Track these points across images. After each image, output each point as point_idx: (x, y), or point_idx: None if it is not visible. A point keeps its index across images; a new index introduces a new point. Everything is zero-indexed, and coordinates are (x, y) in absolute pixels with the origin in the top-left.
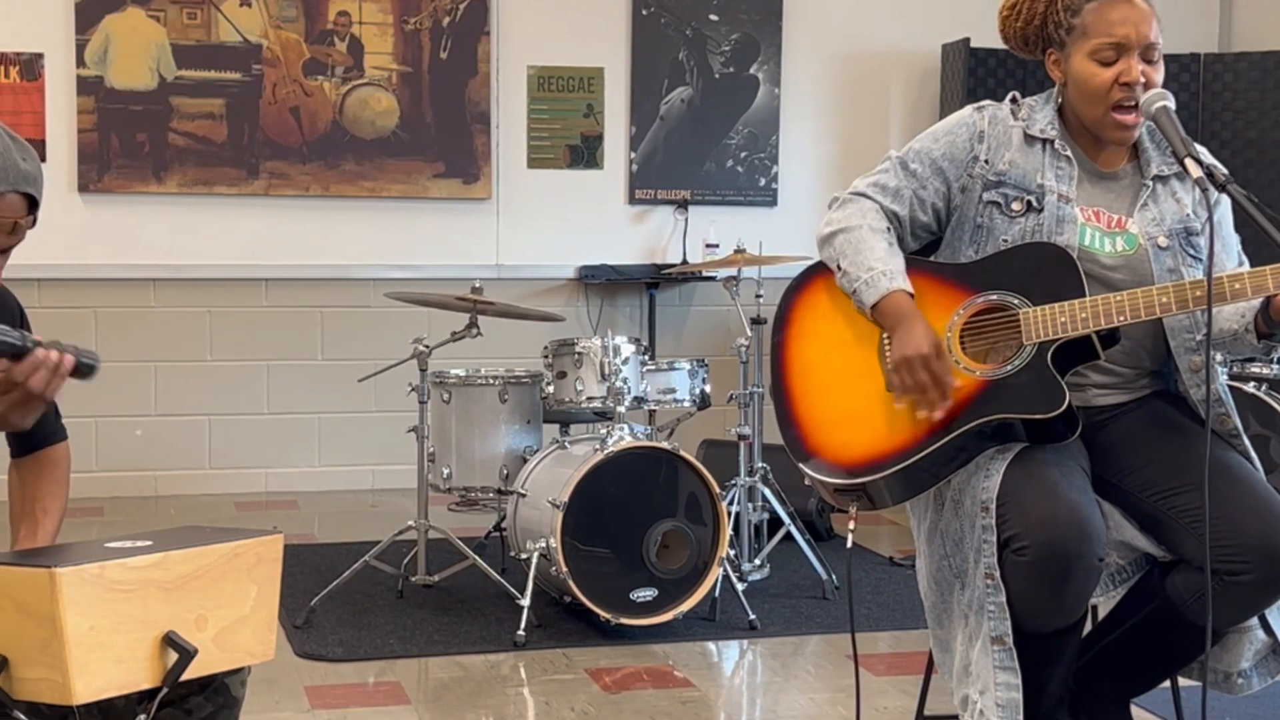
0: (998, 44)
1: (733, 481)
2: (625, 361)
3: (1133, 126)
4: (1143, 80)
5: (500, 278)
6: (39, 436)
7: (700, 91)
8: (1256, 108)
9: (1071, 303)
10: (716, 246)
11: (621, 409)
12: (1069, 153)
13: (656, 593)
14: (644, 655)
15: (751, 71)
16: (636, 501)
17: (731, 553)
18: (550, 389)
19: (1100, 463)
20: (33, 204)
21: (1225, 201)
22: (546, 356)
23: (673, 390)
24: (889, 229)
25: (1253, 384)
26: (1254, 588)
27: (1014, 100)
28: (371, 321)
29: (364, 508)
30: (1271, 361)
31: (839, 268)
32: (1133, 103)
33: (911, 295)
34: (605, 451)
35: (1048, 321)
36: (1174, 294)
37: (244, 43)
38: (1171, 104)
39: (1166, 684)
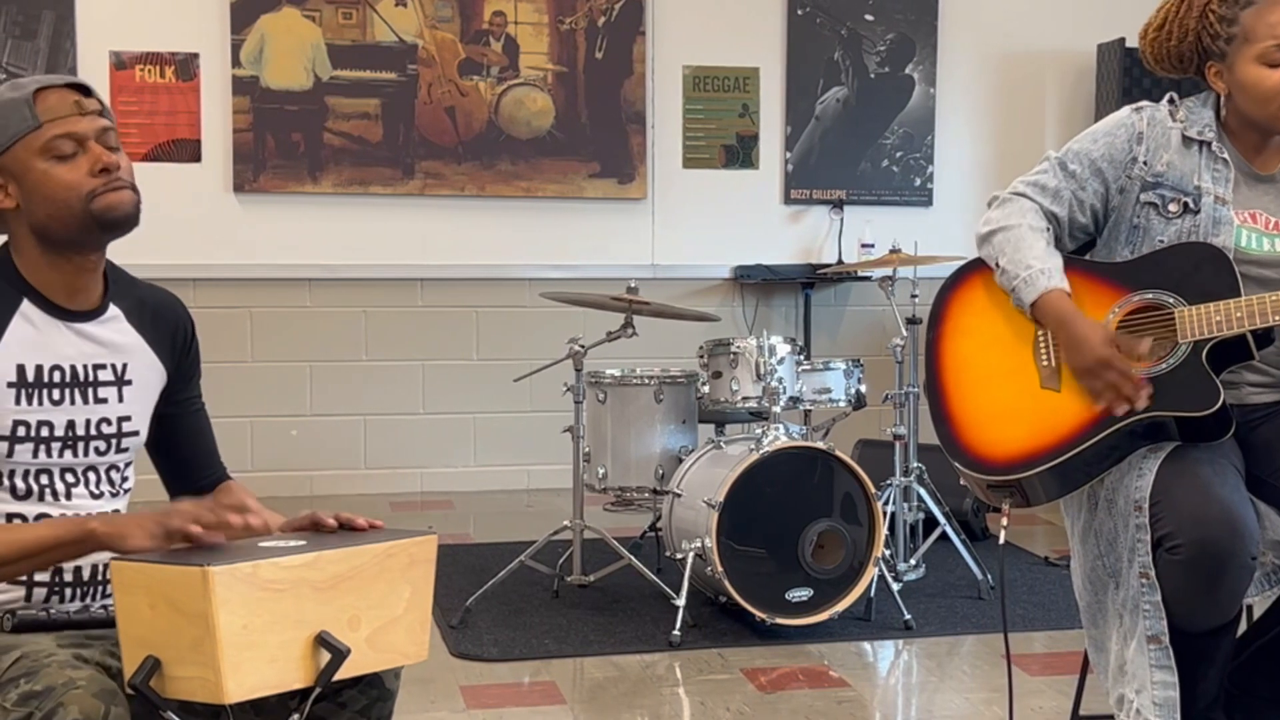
0: None
1: (888, 481)
2: (781, 361)
3: None
4: None
5: (655, 277)
6: (203, 483)
7: (855, 91)
8: None
9: (1227, 302)
10: (872, 246)
11: (777, 409)
12: (1226, 155)
13: (812, 592)
14: (799, 655)
15: (907, 71)
16: (792, 501)
17: (887, 553)
18: (705, 389)
19: (1254, 461)
20: (85, 91)
21: None
22: (702, 356)
23: (828, 390)
24: (1048, 228)
25: None
26: None
27: (1172, 101)
28: (527, 321)
29: (519, 508)
30: None
31: (998, 265)
32: None
33: (1068, 294)
34: (761, 451)
35: (1202, 320)
36: None
37: (399, 43)
38: None
39: None
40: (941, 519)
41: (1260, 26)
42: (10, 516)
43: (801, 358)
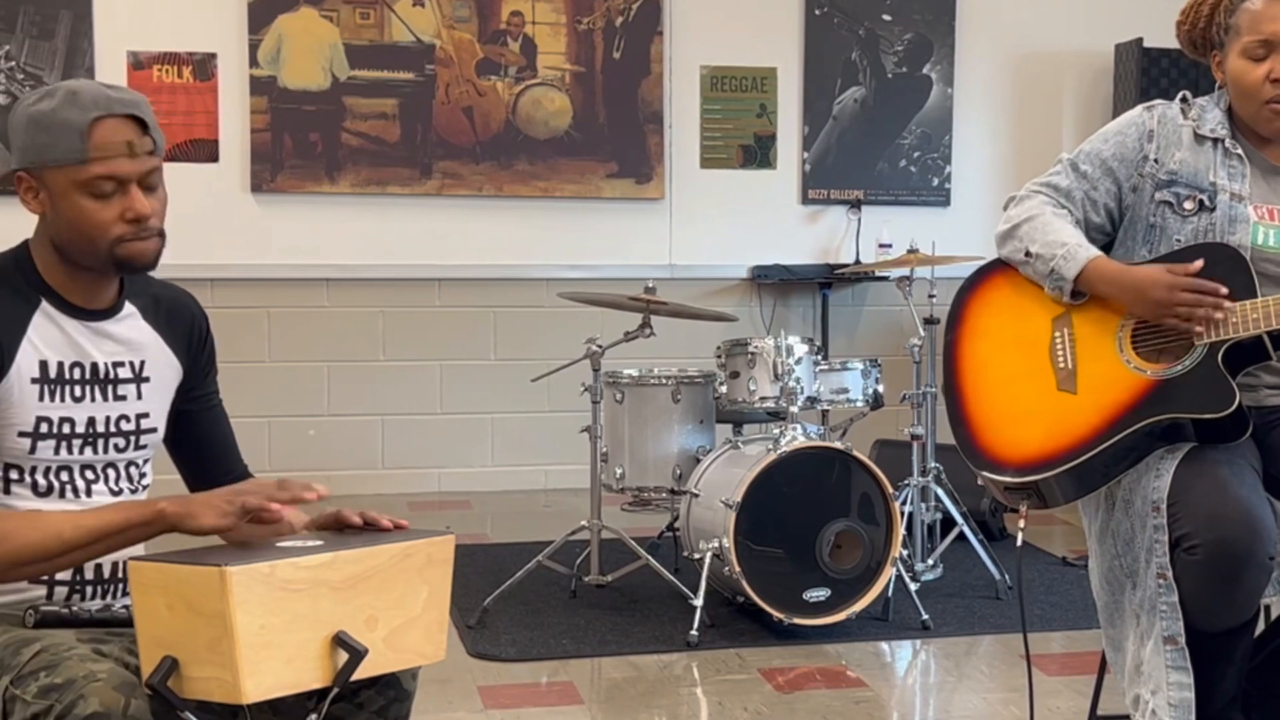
0: (1171, 44)
1: (906, 481)
2: (798, 361)
3: None
4: None
5: (673, 278)
6: (224, 481)
7: (873, 91)
8: None
9: (1243, 303)
10: (889, 246)
11: (794, 409)
12: (1240, 151)
13: (829, 593)
14: (817, 655)
15: (924, 71)
16: (809, 501)
17: (904, 552)
18: (723, 389)
19: (1272, 461)
20: (143, 126)
21: None
22: (719, 356)
23: (845, 390)
24: (1069, 214)
25: None
26: None
27: (1184, 99)
28: (544, 321)
29: (537, 508)
30: None
31: (1028, 254)
32: None
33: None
34: (778, 451)
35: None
36: None
37: (417, 43)
38: None
39: None
40: (959, 519)
41: (1250, 21)
42: None
43: (819, 358)
